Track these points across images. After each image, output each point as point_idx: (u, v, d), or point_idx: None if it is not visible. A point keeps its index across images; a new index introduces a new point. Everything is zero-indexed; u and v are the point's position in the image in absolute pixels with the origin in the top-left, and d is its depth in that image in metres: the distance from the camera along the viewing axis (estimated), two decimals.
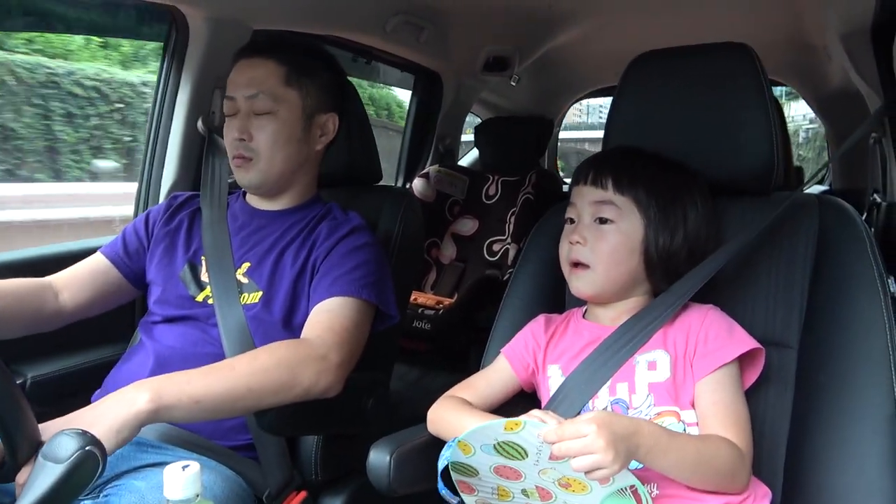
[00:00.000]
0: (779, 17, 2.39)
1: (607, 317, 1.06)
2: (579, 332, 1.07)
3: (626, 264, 1.02)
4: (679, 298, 1.00)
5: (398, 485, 1.04)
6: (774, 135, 1.08)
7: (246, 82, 1.26)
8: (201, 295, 1.25)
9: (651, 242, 1.02)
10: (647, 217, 1.02)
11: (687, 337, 0.97)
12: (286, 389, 1.05)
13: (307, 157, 1.32)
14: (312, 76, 1.29)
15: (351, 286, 1.19)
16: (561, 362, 1.06)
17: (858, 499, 0.91)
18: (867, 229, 1.03)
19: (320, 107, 1.31)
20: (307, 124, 1.29)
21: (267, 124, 1.25)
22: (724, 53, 1.14)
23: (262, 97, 1.25)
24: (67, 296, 1.28)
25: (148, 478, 1.00)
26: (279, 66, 1.27)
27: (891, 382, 0.92)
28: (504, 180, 2.94)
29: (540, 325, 1.12)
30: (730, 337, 0.96)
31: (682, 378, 0.96)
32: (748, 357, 0.98)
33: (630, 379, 0.98)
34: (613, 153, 1.12)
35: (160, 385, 0.95)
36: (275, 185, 1.31)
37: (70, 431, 0.76)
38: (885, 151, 2.37)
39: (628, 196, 1.02)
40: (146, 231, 1.36)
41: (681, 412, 0.95)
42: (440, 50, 2.49)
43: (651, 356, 0.98)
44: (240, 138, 1.25)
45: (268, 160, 1.26)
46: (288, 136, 1.27)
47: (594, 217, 1.03)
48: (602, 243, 1.02)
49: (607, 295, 1.05)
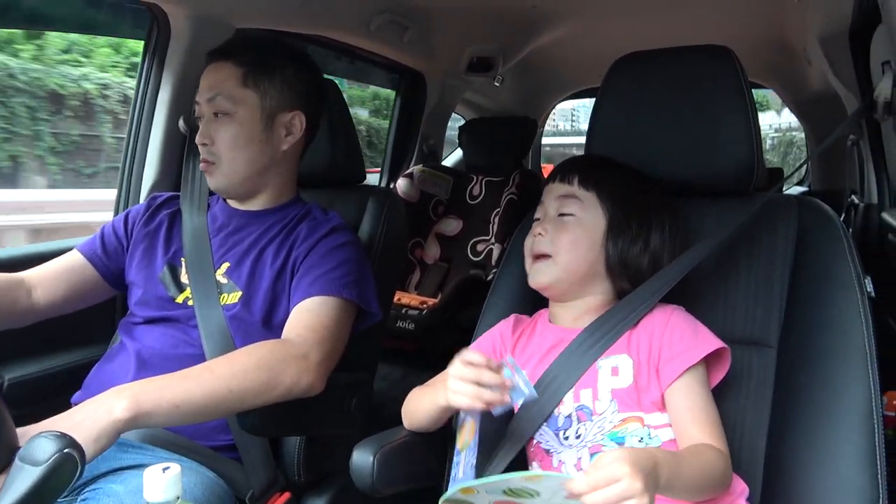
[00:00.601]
0: (759, 21, 2.42)
1: (569, 317, 1.06)
2: (544, 336, 1.07)
3: (586, 257, 1.02)
4: (644, 302, 1.00)
5: (382, 485, 1.03)
6: (755, 136, 1.09)
7: (207, 86, 1.26)
8: (181, 296, 1.24)
9: (612, 240, 1.02)
10: (609, 214, 1.03)
11: (650, 340, 0.97)
12: (268, 390, 1.04)
13: (273, 158, 1.30)
14: (271, 75, 1.27)
15: (331, 285, 1.18)
16: (527, 368, 1.05)
17: (836, 496, 0.92)
18: (845, 230, 1.04)
19: (282, 105, 1.28)
20: (268, 124, 1.27)
21: (225, 127, 1.24)
22: (705, 56, 1.15)
23: (219, 99, 1.24)
24: (41, 293, 1.26)
25: (126, 481, 0.99)
26: (236, 67, 1.26)
27: (868, 381, 0.94)
28: (488, 181, 2.94)
29: (508, 325, 1.12)
30: (694, 338, 0.96)
31: (646, 382, 0.96)
32: (714, 356, 0.98)
33: (593, 385, 0.97)
34: (589, 157, 1.14)
35: (138, 391, 0.94)
36: (241, 187, 1.29)
37: (48, 434, 0.75)
38: (862, 153, 2.41)
39: (592, 192, 1.04)
40: (125, 231, 1.35)
41: (645, 416, 0.95)
42: (424, 50, 2.49)
43: (614, 361, 0.98)
44: (203, 143, 1.25)
45: (229, 163, 1.26)
46: (248, 137, 1.25)
47: (558, 211, 1.05)
48: (563, 234, 1.03)
49: (564, 287, 1.05)
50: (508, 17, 2.44)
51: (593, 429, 0.96)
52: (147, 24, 1.67)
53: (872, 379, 0.93)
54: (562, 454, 0.98)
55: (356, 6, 2.05)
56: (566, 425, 0.98)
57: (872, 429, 0.92)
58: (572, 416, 0.98)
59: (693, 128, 1.13)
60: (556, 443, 0.99)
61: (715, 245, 1.05)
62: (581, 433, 0.97)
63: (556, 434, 0.99)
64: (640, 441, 0.94)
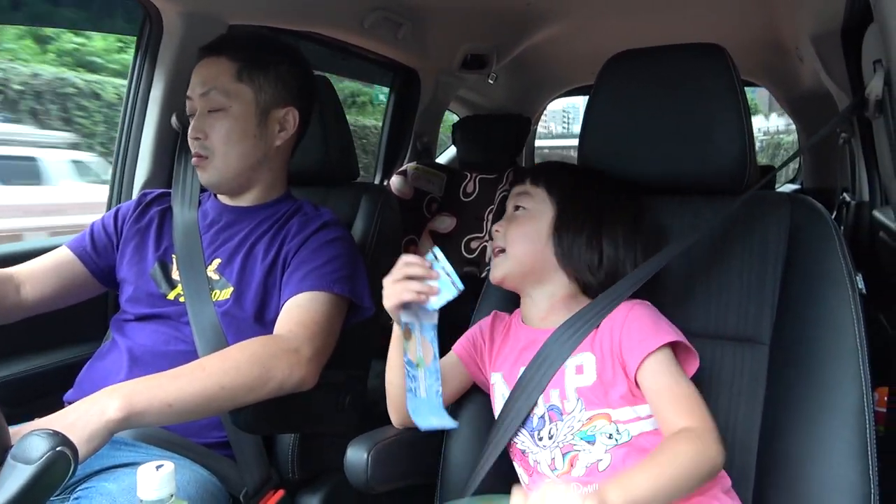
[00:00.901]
0: (752, 19, 2.42)
1: (537, 316, 1.07)
2: (517, 337, 1.09)
3: (535, 247, 1.04)
4: (612, 301, 1.00)
5: (376, 482, 1.04)
6: (747, 134, 1.09)
7: (201, 81, 1.25)
8: (172, 293, 1.24)
9: (559, 231, 1.04)
10: (556, 207, 1.06)
11: (611, 335, 0.97)
12: (260, 385, 1.04)
13: (266, 153, 1.30)
14: (266, 70, 1.27)
15: (322, 280, 1.18)
16: (503, 370, 1.07)
17: (828, 491, 0.92)
18: (837, 228, 1.05)
19: (276, 101, 1.28)
20: (262, 119, 1.27)
21: (220, 121, 1.24)
22: (698, 54, 1.15)
23: (213, 94, 1.24)
24: (30, 288, 1.26)
25: (119, 479, 0.99)
26: (231, 62, 1.25)
27: (860, 377, 0.94)
28: (482, 178, 2.94)
29: (488, 322, 1.14)
30: (655, 327, 0.96)
31: (611, 376, 0.96)
32: (683, 356, 0.97)
33: (560, 385, 0.98)
34: (547, 162, 1.18)
35: (130, 391, 0.94)
36: (234, 181, 1.29)
37: (41, 432, 0.75)
38: (854, 152, 2.42)
39: (542, 187, 1.08)
40: (115, 228, 1.35)
41: (612, 412, 0.95)
42: (418, 47, 2.49)
43: (578, 360, 0.99)
44: (195, 137, 1.25)
45: (222, 157, 1.25)
46: (242, 132, 1.25)
47: (514, 208, 1.09)
48: (514, 226, 1.07)
49: (518, 279, 1.07)
50: (503, 15, 2.44)
51: (564, 428, 0.97)
52: (139, 20, 1.66)
53: (864, 375, 0.94)
54: (537, 454, 1.00)
55: (350, 3, 2.05)
56: (539, 426, 1.00)
57: (864, 424, 0.92)
58: (545, 417, 0.99)
59: (686, 126, 1.13)
60: (532, 443, 1.01)
61: (685, 246, 1.06)
62: (553, 433, 0.98)
63: (531, 435, 1.01)
64: (609, 438, 0.95)
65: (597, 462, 0.94)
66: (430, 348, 0.96)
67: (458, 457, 1.14)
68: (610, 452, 0.94)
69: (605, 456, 0.94)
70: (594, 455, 0.95)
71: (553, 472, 0.98)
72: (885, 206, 1.97)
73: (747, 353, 1.07)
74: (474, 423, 1.13)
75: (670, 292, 1.13)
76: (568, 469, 0.96)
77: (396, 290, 0.95)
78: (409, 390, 0.98)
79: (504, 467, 1.06)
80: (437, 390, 0.96)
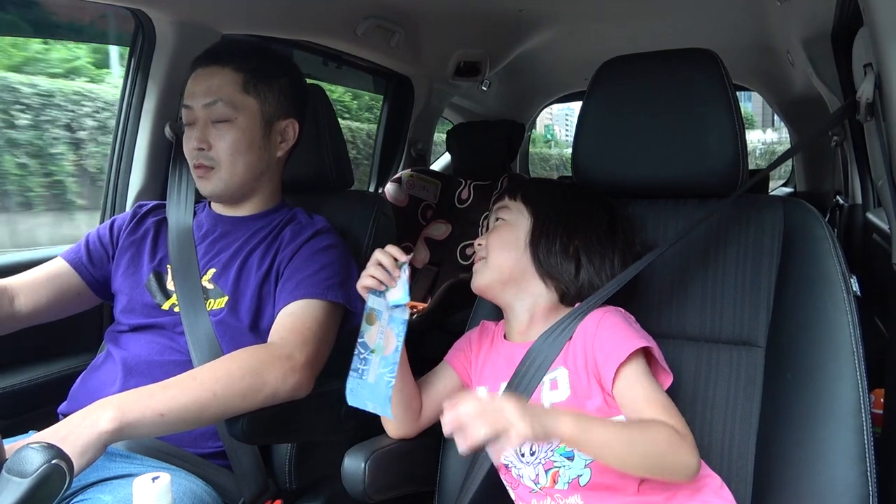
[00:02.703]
0: (743, 24, 2.44)
1: (516, 330, 1.09)
2: (498, 353, 1.10)
3: (512, 255, 1.06)
4: (587, 309, 1.01)
5: (373, 490, 1.03)
6: (739, 138, 1.10)
7: (203, 91, 1.24)
8: (167, 303, 1.23)
9: (535, 240, 1.06)
10: (533, 217, 1.08)
11: (584, 347, 0.98)
12: (253, 393, 1.04)
13: (268, 164, 1.30)
14: (270, 82, 1.28)
15: (315, 288, 1.18)
16: (488, 384, 1.08)
17: (827, 493, 0.92)
18: (831, 230, 1.05)
19: (279, 113, 1.29)
20: (267, 131, 1.28)
21: (226, 132, 1.24)
22: (689, 59, 1.16)
23: (220, 105, 1.23)
24: (24, 300, 1.25)
25: (115, 491, 0.98)
26: (236, 73, 1.25)
27: (856, 379, 0.94)
28: (476, 184, 2.95)
29: (476, 333, 1.15)
30: (624, 336, 0.96)
31: (586, 388, 0.96)
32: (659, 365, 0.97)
33: (537, 401, 0.99)
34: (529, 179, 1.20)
35: (123, 402, 0.94)
36: (237, 192, 1.29)
37: (35, 445, 0.74)
38: (846, 155, 2.44)
39: (518, 199, 1.11)
40: (111, 239, 1.34)
41: None
42: (411, 54, 2.49)
43: (553, 375, 0.99)
44: (199, 147, 1.24)
45: (229, 168, 1.25)
46: (248, 143, 1.26)
47: (494, 220, 1.12)
48: (494, 235, 1.10)
49: (498, 288, 1.08)
50: (495, 22, 2.45)
51: (544, 444, 0.98)
52: (132, 30, 1.66)
53: (860, 377, 0.94)
54: (521, 469, 1.01)
55: (342, 11, 2.05)
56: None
57: (861, 426, 0.93)
58: None
59: (678, 130, 1.14)
60: (515, 458, 1.01)
61: (663, 251, 1.06)
62: (534, 449, 0.99)
63: (515, 451, 1.01)
64: None
65: (578, 477, 0.95)
66: (394, 341, 0.98)
67: (456, 466, 1.13)
68: (590, 467, 0.95)
69: (584, 471, 0.95)
70: (574, 470, 0.95)
71: (536, 486, 0.99)
72: (878, 209, 1.98)
73: (743, 356, 1.07)
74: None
75: (665, 296, 1.14)
76: (551, 484, 0.97)
77: (365, 273, 1.01)
78: (353, 370, 1.00)
79: (498, 478, 1.06)
80: (389, 381, 0.98)
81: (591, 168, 1.20)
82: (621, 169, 1.18)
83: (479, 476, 1.03)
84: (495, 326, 1.15)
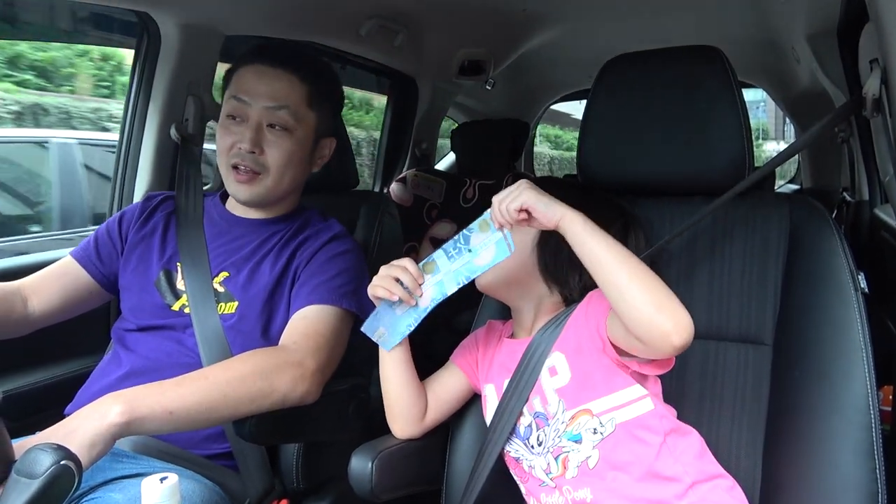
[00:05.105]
0: (747, 20, 2.43)
1: (523, 328, 1.10)
2: (500, 350, 1.11)
3: (518, 255, 1.04)
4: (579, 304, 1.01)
5: (381, 490, 1.03)
6: (745, 135, 1.09)
7: (268, 92, 1.21)
8: (177, 304, 1.23)
9: (541, 244, 1.06)
10: None
11: (577, 329, 0.99)
12: (262, 397, 1.04)
13: (305, 177, 1.32)
14: (330, 101, 1.30)
15: (331, 294, 1.18)
16: (495, 382, 1.08)
17: (836, 491, 0.92)
18: (837, 227, 1.05)
19: (328, 131, 1.31)
20: (314, 147, 1.29)
21: (283, 141, 1.23)
22: (694, 56, 1.16)
23: (284, 112, 1.21)
24: (36, 301, 1.25)
25: (125, 489, 0.98)
26: (303, 83, 1.24)
27: (864, 376, 0.94)
28: (481, 184, 2.94)
29: (482, 332, 1.16)
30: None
31: (590, 366, 0.97)
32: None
33: (540, 391, 1.00)
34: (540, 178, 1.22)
35: (133, 396, 0.94)
36: (277, 200, 1.29)
37: (44, 446, 0.75)
38: (853, 151, 2.42)
39: None
40: (119, 234, 1.34)
41: (592, 406, 0.96)
42: (415, 54, 2.49)
43: (550, 362, 1.00)
44: (250, 150, 1.21)
45: (276, 178, 1.24)
46: (300, 156, 1.26)
47: None
48: None
49: (503, 286, 1.09)
50: (499, 21, 2.45)
51: (550, 433, 0.99)
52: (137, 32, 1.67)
53: (868, 374, 0.94)
54: (532, 461, 1.01)
55: (346, 12, 2.05)
56: (527, 434, 1.02)
57: (869, 423, 0.92)
58: (531, 425, 1.01)
59: (684, 128, 1.13)
60: (526, 451, 1.02)
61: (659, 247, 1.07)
62: (542, 439, 1.00)
63: (524, 443, 1.02)
64: (594, 433, 0.96)
65: (586, 459, 0.96)
66: (431, 295, 1.01)
67: (463, 464, 1.14)
68: (597, 448, 0.95)
69: (593, 452, 0.95)
70: (583, 453, 0.96)
71: (548, 476, 0.99)
72: (885, 205, 1.96)
73: (750, 353, 1.07)
74: (478, 431, 1.13)
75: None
76: (562, 471, 0.98)
77: (383, 284, 1.02)
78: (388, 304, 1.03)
79: (505, 475, 1.06)
80: (410, 325, 1.03)
81: (597, 166, 1.20)
82: (627, 167, 1.18)
83: (485, 472, 1.03)
84: (503, 325, 1.15)
